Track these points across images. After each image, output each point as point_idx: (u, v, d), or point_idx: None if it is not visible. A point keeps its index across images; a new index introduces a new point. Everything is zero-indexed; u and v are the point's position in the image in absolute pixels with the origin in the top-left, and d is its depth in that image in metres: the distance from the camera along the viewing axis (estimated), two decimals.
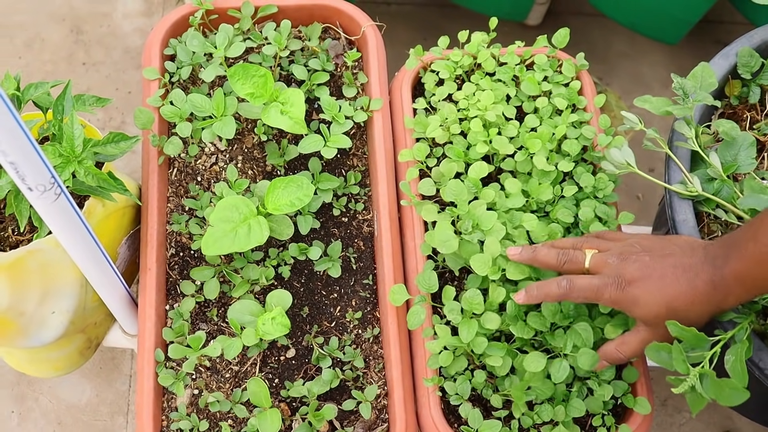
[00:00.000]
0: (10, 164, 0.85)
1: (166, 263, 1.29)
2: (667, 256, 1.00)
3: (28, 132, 0.83)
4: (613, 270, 1.03)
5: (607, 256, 1.05)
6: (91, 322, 1.33)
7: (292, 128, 1.23)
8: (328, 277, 1.30)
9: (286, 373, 1.24)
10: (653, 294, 0.99)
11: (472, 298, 1.15)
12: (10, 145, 0.82)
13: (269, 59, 1.38)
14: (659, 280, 0.99)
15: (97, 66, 2.04)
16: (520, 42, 1.42)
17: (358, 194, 1.35)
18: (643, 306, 1.00)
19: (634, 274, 1.01)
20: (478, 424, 1.15)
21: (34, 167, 0.87)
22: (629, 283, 1.01)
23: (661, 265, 1.00)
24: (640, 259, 1.02)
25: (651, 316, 1.00)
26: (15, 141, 0.82)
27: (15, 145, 0.83)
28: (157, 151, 1.31)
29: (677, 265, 0.99)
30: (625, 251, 1.04)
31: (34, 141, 0.84)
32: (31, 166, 0.87)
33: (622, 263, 1.03)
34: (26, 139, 0.83)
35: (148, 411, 1.18)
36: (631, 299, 1.01)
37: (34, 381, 1.71)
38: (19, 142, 0.83)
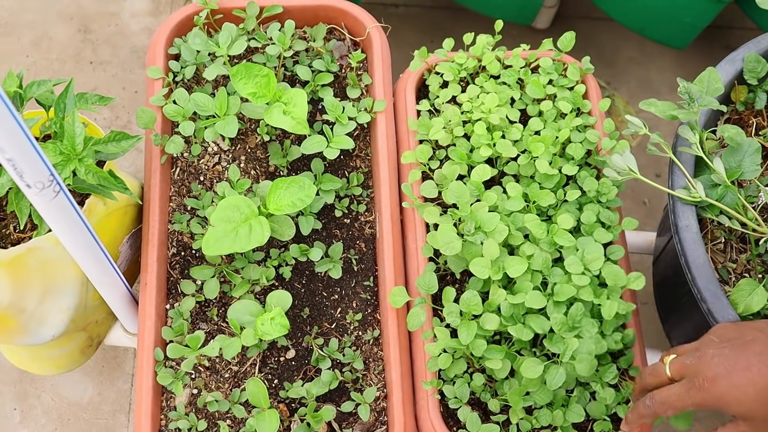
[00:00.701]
0: (7, 161, 0.85)
1: (167, 262, 1.28)
2: (750, 344, 0.93)
3: (26, 129, 0.83)
4: (692, 371, 0.95)
5: (685, 357, 0.98)
6: (92, 321, 1.33)
7: (294, 128, 1.23)
8: (329, 278, 1.30)
9: (285, 373, 1.23)
10: (742, 388, 0.90)
11: (470, 300, 1.14)
12: (8, 142, 0.82)
13: (273, 59, 1.38)
14: (745, 372, 0.90)
15: (104, 65, 2.04)
16: (526, 45, 1.42)
17: (361, 196, 1.35)
18: (736, 403, 0.91)
19: (715, 371, 0.92)
20: (476, 427, 1.15)
21: (33, 164, 0.87)
22: (712, 381, 0.92)
23: (745, 355, 0.92)
24: (720, 353, 0.93)
25: (748, 412, 0.91)
26: (13, 138, 0.82)
27: (13, 142, 0.83)
28: (159, 150, 1.31)
29: (762, 352, 0.91)
30: (702, 348, 0.96)
31: (32, 138, 0.84)
32: (30, 163, 0.87)
33: (699, 362, 0.95)
34: (24, 136, 0.83)
35: (146, 410, 1.18)
36: (720, 399, 0.92)
37: (36, 379, 1.71)
38: (17, 139, 0.83)
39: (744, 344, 0.93)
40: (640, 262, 1.82)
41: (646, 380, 1.03)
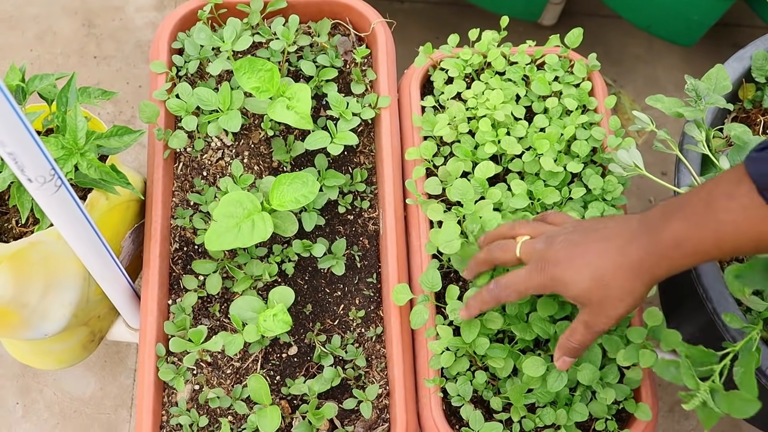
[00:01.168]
0: (8, 155, 0.84)
1: (170, 258, 1.28)
2: (598, 231, 0.95)
3: (27, 122, 0.82)
4: (538, 255, 0.97)
5: (536, 241, 0.99)
6: (94, 315, 1.33)
7: (297, 123, 1.22)
8: (332, 274, 1.29)
9: (287, 370, 1.23)
10: (579, 270, 0.93)
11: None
12: (9, 135, 0.82)
13: (277, 54, 1.37)
14: (584, 256, 0.93)
15: (108, 60, 2.04)
16: (532, 41, 1.41)
17: (364, 192, 1.34)
18: (572, 285, 0.94)
19: (558, 255, 0.95)
20: (479, 426, 1.14)
21: (34, 158, 0.87)
22: (554, 264, 0.95)
23: (588, 239, 0.94)
24: (567, 239, 0.96)
25: (582, 294, 0.94)
26: (14, 131, 0.81)
27: (14, 136, 0.82)
28: (162, 145, 1.30)
29: (606, 237, 0.93)
30: (554, 233, 0.98)
31: (33, 131, 0.84)
32: (31, 158, 0.86)
33: (547, 247, 0.97)
34: (25, 129, 0.83)
35: (147, 405, 1.17)
36: (558, 281, 0.95)
37: (38, 373, 1.71)
38: (18, 132, 0.82)
39: (593, 231, 0.95)
40: None
41: (495, 254, 1.04)
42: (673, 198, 0.91)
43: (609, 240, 0.92)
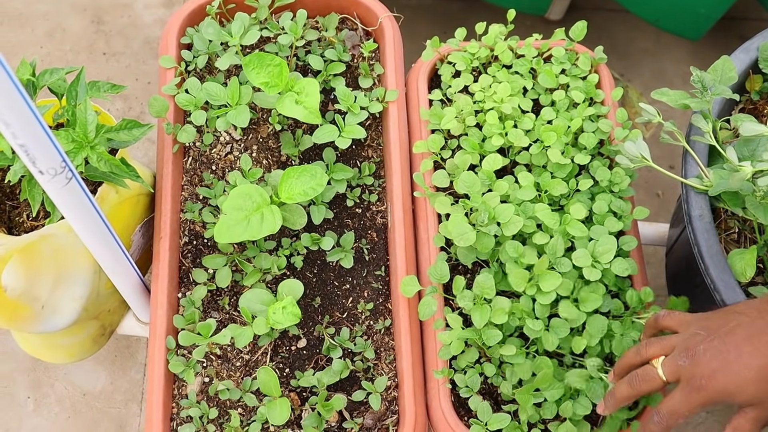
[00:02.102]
0: (20, 147, 0.85)
1: (179, 251, 1.29)
2: (735, 330, 0.91)
3: (39, 115, 0.83)
4: (687, 372, 0.93)
5: (677, 358, 0.95)
6: (104, 309, 1.34)
7: (306, 118, 1.23)
8: (340, 267, 1.30)
9: (296, 362, 1.23)
10: (740, 376, 0.89)
11: (484, 283, 1.14)
12: (21, 127, 0.82)
13: (285, 49, 1.38)
14: (738, 360, 0.89)
15: (117, 56, 2.05)
16: (538, 35, 1.41)
17: (372, 185, 1.35)
18: (739, 393, 0.90)
19: (710, 366, 0.91)
20: (487, 417, 1.14)
21: (45, 150, 0.87)
22: (710, 378, 0.91)
23: (734, 343, 0.91)
24: (710, 347, 0.92)
25: (752, 397, 0.90)
26: (25, 124, 0.82)
27: (25, 128, 0.83)
28: (171, 140, 1.31)
29: (750, 335, 0.90)
30: (690, 344, 0.94)
31: (44, 124, 0.84)
32: (42, 150, 0.87)
33: (693, 362, 0.93)
34: (36, 122, 0.83)
35: (158, 397, 1.18)
36: (723, 392, 0.91)
37: (50, 367, 1.72)
38: (30, 124, 0.83)
39: (730, 332, 0.91)
40: (654, 253, 1.81)
41: (640, 387, 1.00)
42: None
43: (754, 337, 0.90)
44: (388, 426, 1.20)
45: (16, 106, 0.80)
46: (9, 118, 0.81)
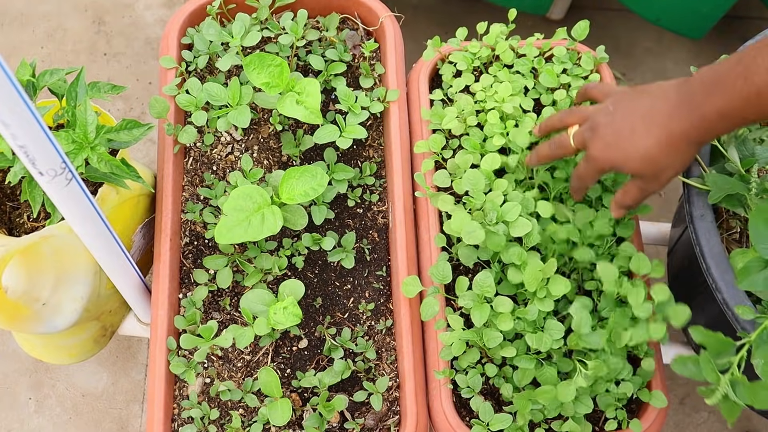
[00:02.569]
0: (20, 148, 0.85)
1: (180, 252, 1.29)
2: (637, 108, 1.00)
3: (39, 116, 0.83)
4: (589, 143, 1.05)
5: (584, 130, 1.07)
6: (105, 310, 1.33)
7: (307, 118, 1.22)
8: (341, 268, 1.29)
9: (298, 363, 1.23)
10: (628, 151, 1.00)
11: (483, 281, 1.14)
12: (21, 128, 0.82)
13: (286, 49, 1.38)
14: (630, 137, 1.00)
15: (118, 57, 2.05)
16: (540, 34, 1.41)
17: (373, 185, 1.35)
18: (624, 166, 1.02)
19: (606, 141, 1.02)
20: (488, 417, 1.14)
21: (45, 151, 0.87)
22: (602, 151, 1.03)
23: (631, 120, 1.00)
24: (610, 123, 1.02)
25: (635, 171, 1.02)
26: (25, 124, 0.82)
27: (25, 129, 0.83)
28: (172, 140, 1.31)
29: (648, 114, 0.99)
30: (598, 118, 1.04)
31: (44, 125, 0.84)
32: (42, 151, 0.87)
33: (594, 135, 1.04)
34: (36, 122, 0.83)
35: (159, 398, 1.18)
36: (611, 164, 1.03)
37: (51, 368, 1.72)
38: (29, 125, 0.83)
39: (632, 109, 1.01)
40: (655, 254, 1.81)
41: (555, 151, 1.13)
42: (706, 70, 0.95)
43: (651, 117, 0.98)
44: (390, 426, 1.20)
45: (16, 107, 0.80)
46: (8, 119, 0.81)
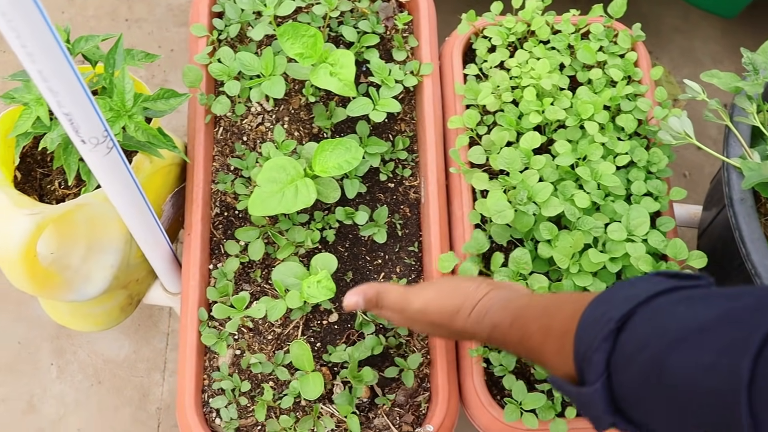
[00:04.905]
0: (65, 115, 0.84)
1: (211, 222, 1.28)
2: None
3: (84, 84, 0.82)
4: None
5: None
6: (133, 279, 1.33)
7: (341, 90, 1.21)
8: (372, 242, 1.29)
9: (328, 337, 1.23)
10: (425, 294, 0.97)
11: (520, 258, 1.13)
12: (67, 96, 0.81)
13: (318, 19, 1.36)
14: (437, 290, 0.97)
15: (139, 22, 2.03)
16: (576, 10, 1.39)
17: (406, 160, 1.33)
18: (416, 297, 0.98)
19: None
20: (522, 396, 1.14)
21: (89, 119, 0.86)
22: None
23: None
24: None
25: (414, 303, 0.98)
26: (72, 92, 0.81)
27: (71, 97, 0.82)
28: (204, 110, 1.30)
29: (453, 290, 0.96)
30: None
31: (89, 93, 0.83)
32: (86, 118, 0.86)
33: None
34: (82, 90, 0.82)
35: (190, 369, 1.17)
36: None
37: (73, 335, 1.72)
38: (76, 93, 0.82)
39: None
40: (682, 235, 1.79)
41: None
42: (495, 314, 0.90)
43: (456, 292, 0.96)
44: (420, 402, 1.19)
45: (64, 74, 0.78)
46: (57, 86, 0.80)
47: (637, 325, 0.66)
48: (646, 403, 0.64)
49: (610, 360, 0.67)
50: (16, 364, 1.70)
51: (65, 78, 0.79)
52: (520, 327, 0.83)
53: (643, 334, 0.65)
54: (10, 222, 1.07)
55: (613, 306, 0.68)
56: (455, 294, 0.94)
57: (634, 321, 0.66)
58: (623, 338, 0.66)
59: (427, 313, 0.95)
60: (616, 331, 0.67)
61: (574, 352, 0.71)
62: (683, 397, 0.59)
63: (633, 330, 0.66)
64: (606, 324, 0.67)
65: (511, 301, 0.88)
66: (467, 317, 0.91)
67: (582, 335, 0.71)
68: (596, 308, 0.71)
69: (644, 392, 0.64)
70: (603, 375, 0.67)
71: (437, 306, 0.94)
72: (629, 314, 0.66)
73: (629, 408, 0.67)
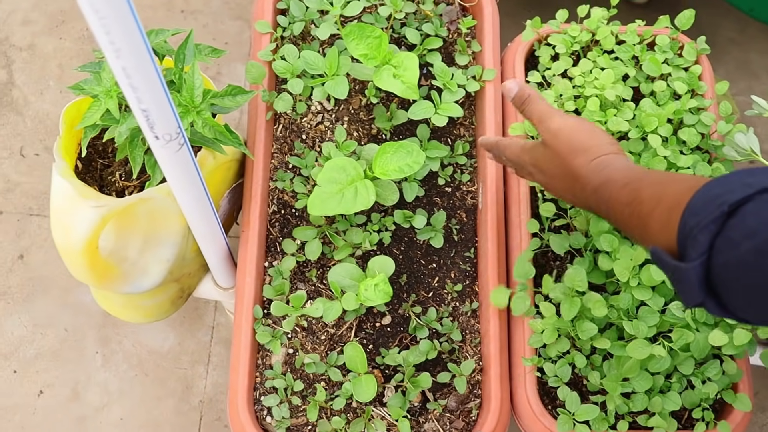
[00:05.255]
0: (142, 111, 0.84)
1: (267, 220, 1.28)
2: None
3: (164, 81, 0.82)
4: None
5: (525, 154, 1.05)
6: (186, 272, 1.33)
7: (404, 93, 1.21)
8: (427, 246, 1.28)
9: (380, 339, 1.23)
10: None
11: (575, 276, 1.12)
12: (147, 92, 0.81)
13: (382, 20, 1.36)
14: None
15: (195, 14, 2.03)
16: (641, 21, 1.38)
17: (464, 165, 1.33)
18: None
19: None
20: (575, 407, 1.13)
21: (165, 116, 0.86)
22: None
23: None
24: None
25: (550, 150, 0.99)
26: (151, 88, 0.81)
27: (150, 93, 0.82)
28: (265, 107, 1.30)
29: None
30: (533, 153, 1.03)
31: (167, 90, 0.83)
32: (162, 115, 0.86)
33: None
34: (161, 87, 0.82)
35: (243, 366, 1.18)
36: None
37: (119, 324, 1.73)
38: (155, 89, 0.82)
39: None
40: None
41: None
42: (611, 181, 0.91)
43: None
44: (471, 409, 1.19)
45: (146, 70, 0.79)
46: (137, 83, 0.80)
47: (749, 213, 0.67)
48: (742, 290, 0.67)
49: (714, 242, 0.68)
50: (62, 351, 1.72)
51: (147, 75, 0.79)
52: (633, 190, 0.85)
53: (753, 222, 0.66)
54: (75, 213, 1.08)
55: (730, 190, 0.70)
56: (591, 135, 0.96)
57: (747, 208, 0.68)
58: (732, 223, 0.68)
59: (557, 137, 0.97)
60: (727, 215, 0.68)
61: (680, 225, 0.73)
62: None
63: (743, 216, 0.67)
64: (719, 207, 0.69)
65: (632, 168, 0.90)
66: (589, 162, 0.93)
67: (692, 212, 0.72)
68: (712, 189, 0.72)
69: (744, 279, 0.66)
70: (704, 255, 0.69)
71: (569, 136, 0.96)
72: (744, 200, 0.68)
73: (724, 292, 0.69)
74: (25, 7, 2.01)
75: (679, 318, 1.12)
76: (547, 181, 1.01)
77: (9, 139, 1.88)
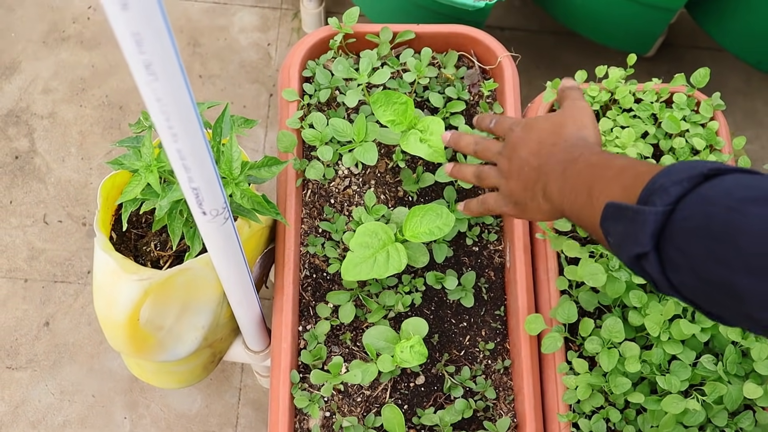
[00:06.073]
0: (192, 189, 0.87)
1: (300, 284, 1.30)
2: None
3: (214, 160, 0.84)
4: None
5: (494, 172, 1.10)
6: (219, 338, 1.35)
7: (430, 156, 1.24)
8: (458, 305, 1.30)
9: (415, 399, 1.24)
10: None
11: (613, 327, 1.14)
12: (199, 172, 0.84)
13: (405, 85, 1.39)
14: None
15: (212, 79, 2.07)
16: (658, 79, 1.41)
17: (491, 224, 1.35)
18: None
19: None
20: None
21: (213, 193, 0.89)
22: None
23: None
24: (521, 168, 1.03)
25: None
26: (203, 168, 0.84)
27: (202, 172, 0.84)
28: (294, 173, 1.33)
29: None
30: None
31: (216, 168, 0.86)
32: (211, 192, 0.88)
33: None
34: (212, 166, 0.85)
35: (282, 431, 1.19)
36: None
37: (146, 388, 1.74)
38: (206, 168, 0.84)
39: None
40: None
41: None
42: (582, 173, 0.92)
43: None
44: None
45: (199, 152, 0.81)
46: (190, 163, 0.82)
47: (728, 179, 0.68)
48: (695, 250, 0.66)
49: (683, 197, 0.69)
50: (89, 417, 1.73)
51: (199, 155, 0.82)
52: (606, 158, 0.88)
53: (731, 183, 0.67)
54: (118, 287, 1.10)
55: (707, 164, 0.71)
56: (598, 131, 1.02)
57: (726, 177, 0.68)
58: (707, 185, 0.68)
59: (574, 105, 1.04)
60: (704, 177, 0.69)
61: (648, 184, 0.73)
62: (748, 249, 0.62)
63: (722, 180, 0.68)
64: (696, 169, 0.70)
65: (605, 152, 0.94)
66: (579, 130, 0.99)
67: (665, 173, 0.73)
68: (687, 163, 0.73)
69: (703, 238, 0.65)
70: (670, 206, 0.68)
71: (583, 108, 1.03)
72: (725, 170, 0.69)
73: (672, 251, 0.68)
74: (46, 75, 2.05)
75: (711, 371, 1.14)
76: (523, 137, 1.03)
77: (32, 207, 1.91)
